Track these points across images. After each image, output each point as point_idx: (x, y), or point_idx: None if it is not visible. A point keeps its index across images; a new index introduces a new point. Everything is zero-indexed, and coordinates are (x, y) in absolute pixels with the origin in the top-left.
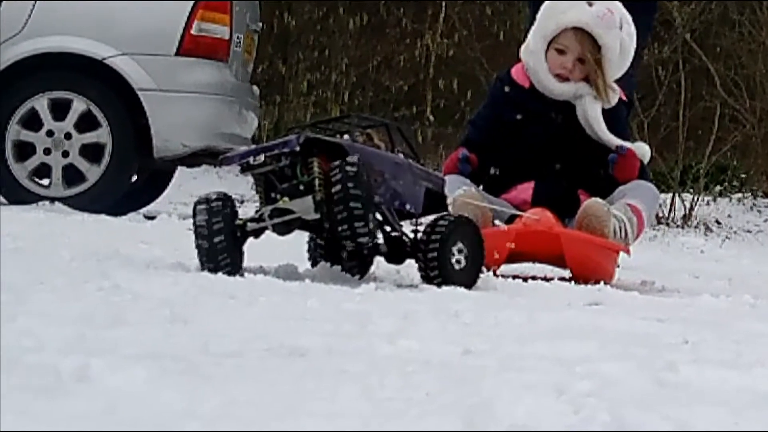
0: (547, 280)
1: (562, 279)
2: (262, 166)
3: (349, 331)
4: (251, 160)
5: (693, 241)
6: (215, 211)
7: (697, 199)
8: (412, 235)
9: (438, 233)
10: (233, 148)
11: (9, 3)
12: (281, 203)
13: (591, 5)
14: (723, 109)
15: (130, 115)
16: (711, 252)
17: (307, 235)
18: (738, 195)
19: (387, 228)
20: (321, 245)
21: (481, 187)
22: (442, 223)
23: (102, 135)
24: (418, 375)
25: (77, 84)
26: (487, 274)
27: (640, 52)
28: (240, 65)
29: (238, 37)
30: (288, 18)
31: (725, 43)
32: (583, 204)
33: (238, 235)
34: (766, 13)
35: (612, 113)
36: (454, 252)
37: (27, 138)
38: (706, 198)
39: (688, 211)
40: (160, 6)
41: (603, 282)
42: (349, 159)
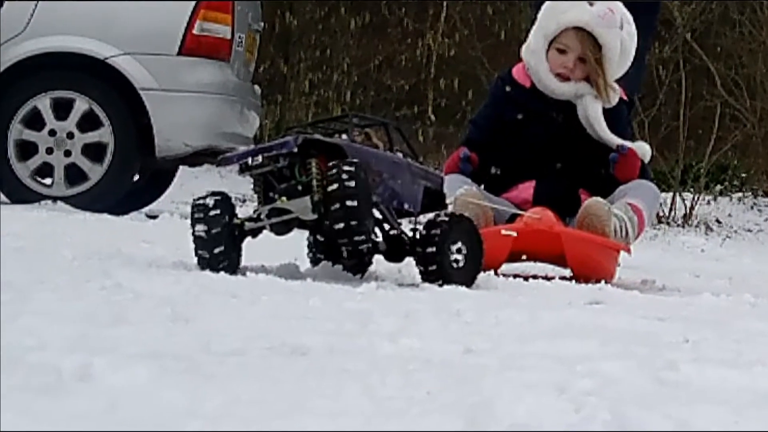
0: (548, 279)
1: (563, 278)
2: (260, 166)
3: (351, 330)
4: (250, 160)
5: (693, 240)
6: (213, 210)
7: (698, 199)
8: (411, 234)
9: (437, 232)
10: (235, 147)
11: (11, 3)
12: (279, 203)
13: (592, 5)
14: (723, 109)
15: (132, 115)
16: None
17: (307, 235)
18: (738, 194)
19: (386, 226)
20: (320, 244)
21: (482, 187)
22: (440, 222)
23: (104, 134)
24: (419, 374)
25: (79, 83)
26: (488, 273)
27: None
28: (242, 65)
29: (240, 37)
30: (290, 18)
31: (726, 43)
32: (584, 203)
33: (236, 234)
34: (766, 13)
35: (613, 113)
36: (452, 250)
37: (29, 137)
38: (706, 197)
39: (688, 211)
40: (162, 6)
41: (604, 281)
42: (347, 161)
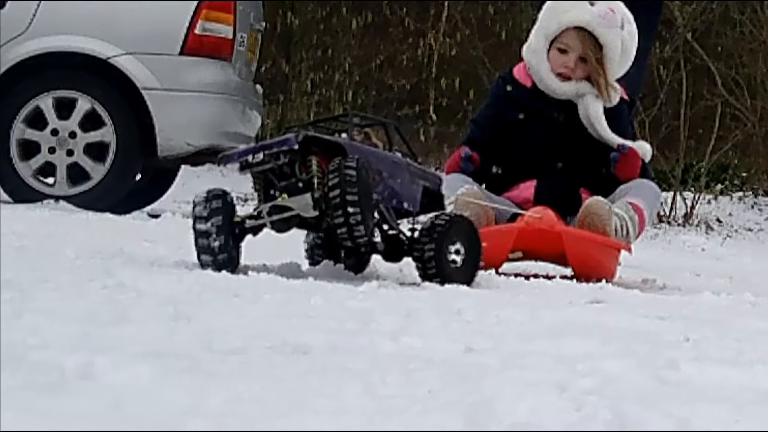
0: (549, 278)
1: (563, 277)
2: (261, 164)
3: (352, 329)
4: (250, 158)
5: (694, 240)
6: (214, 208)
7: (698, 198)
8: (409, 234)
9: (435, 231)
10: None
11: (14, 3)
12: (280, 200)
13: (593, 5)
14: (724, 108)
15: (134, 114)
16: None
17: (305, 235)
18: (739, 193)
19: (384, 226)
20: (318, 245)
21: (484, 186)
22: (439, 221)
23: (106, 134)
24: (420, 372)
25: (82, 83)
26: (489, 271)
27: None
28: (243, 64)
29: (241, 37)
30: (291, 17)
31: (726, 43)
32: (585, 202)
33: (236, 232)
34: (766, 13)
35: (614, 112)
36: (450, 250)
37: (32, 137)
38: (707, 196)
39: (689, 210)
40: (164, 5)
41: (604, 280)
42: (348, 159)
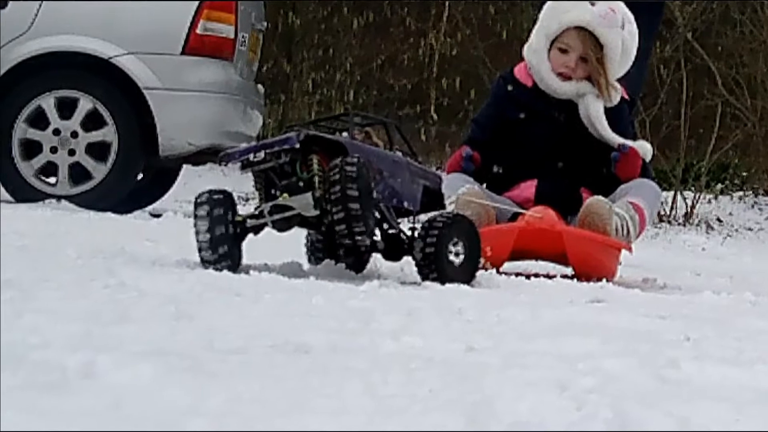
0: (550, 277)
1: (564, 276)
2: (262, 163)
3: (353, 328)
4: (251, 157)
5: (694, 239)
6: (215, 208)
7: (699, 197)
8: (409, 233)
9: (435, 230)
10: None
11: (16, 2)
12: (281, 200)
13: (593, 4)
14: (724, 108)
15: (136, 114)
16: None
17: (305, 234)
18: (739, 193)
19: (384, 225)
20: (319, 246)
21: (485, 185)
22: (438, 221)
23: (108, 133)
24: (421, 372)
25: (83, 83)
26: (490, 271)
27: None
28: (245, 64)
29: (243, 36)
30: (292, 17)
31: (726, 42)
32: (586, 202)
33: (237, 232)
34: (766, 12)
35: (614, 112)
36: (450, 249)
37: (34, 136)
38: (707, 196)
39: (689, 209)
40: (165, 5)
41: (605, 279)
42: (349, 158)
